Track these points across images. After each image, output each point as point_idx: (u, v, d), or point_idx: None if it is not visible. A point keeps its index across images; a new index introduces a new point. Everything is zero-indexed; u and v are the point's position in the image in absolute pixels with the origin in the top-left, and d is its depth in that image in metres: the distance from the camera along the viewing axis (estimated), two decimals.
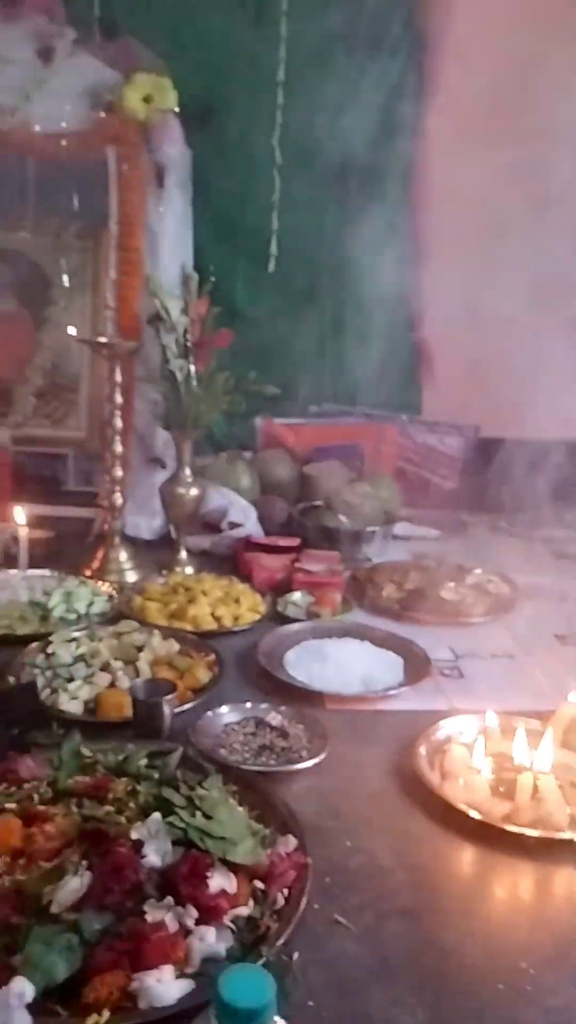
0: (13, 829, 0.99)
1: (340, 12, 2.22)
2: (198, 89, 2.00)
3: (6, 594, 1.68)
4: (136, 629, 1.53)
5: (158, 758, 1.15)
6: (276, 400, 2.32)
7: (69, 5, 2.04)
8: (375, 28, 2.26)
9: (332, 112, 2.26)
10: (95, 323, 2.19)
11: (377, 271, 2.37)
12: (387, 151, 2.33)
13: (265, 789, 1.10)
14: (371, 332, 2.38)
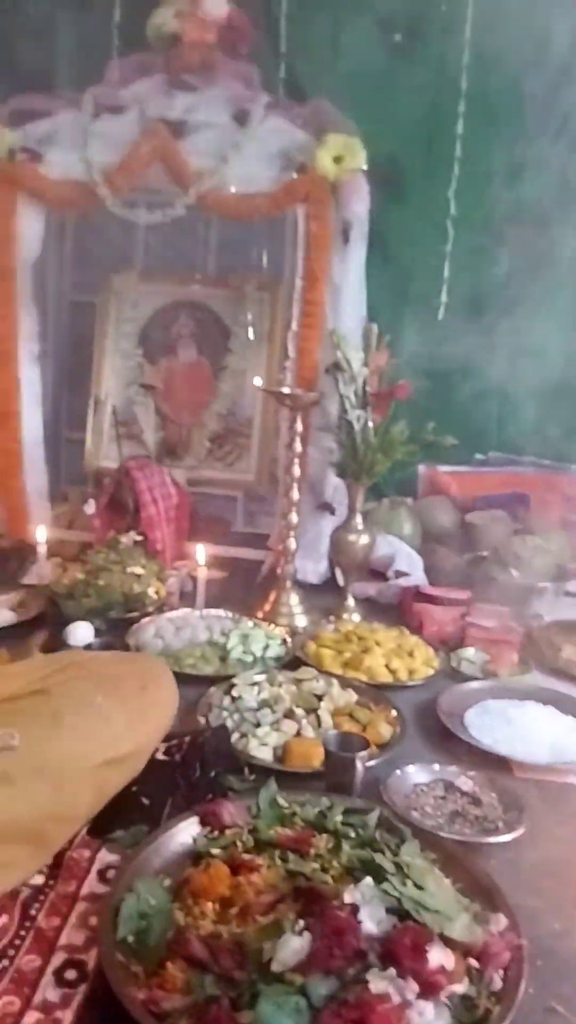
0: (222, 877, 1.02)
1: (519, 68, 2.24)
2: (380, 145, 2.05)
3: (187, 633, 1.74)
4: (314, 677, 1.55)
5: (354, 816, 1.15)
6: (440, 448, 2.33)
7: (263, 70, 2.15)
8: (552, 85, 2.24)
9: (509, 165, 2.27)
10: (270, 372, 2.27)
11: (548, 319, 2.34)
12: (562, 200, 2.30)
13: (465, 860, 1.08)
14: (541, 381, 2.34)
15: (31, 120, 2.06)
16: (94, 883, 1.04)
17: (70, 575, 1.86)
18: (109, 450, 2.34)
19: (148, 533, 1.97)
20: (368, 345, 1.89)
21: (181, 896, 1.00)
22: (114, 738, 1.09)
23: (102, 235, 2.48)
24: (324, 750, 1.25)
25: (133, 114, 2.03)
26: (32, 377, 2.17)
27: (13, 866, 0.98)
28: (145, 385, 2.33)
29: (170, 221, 2.02)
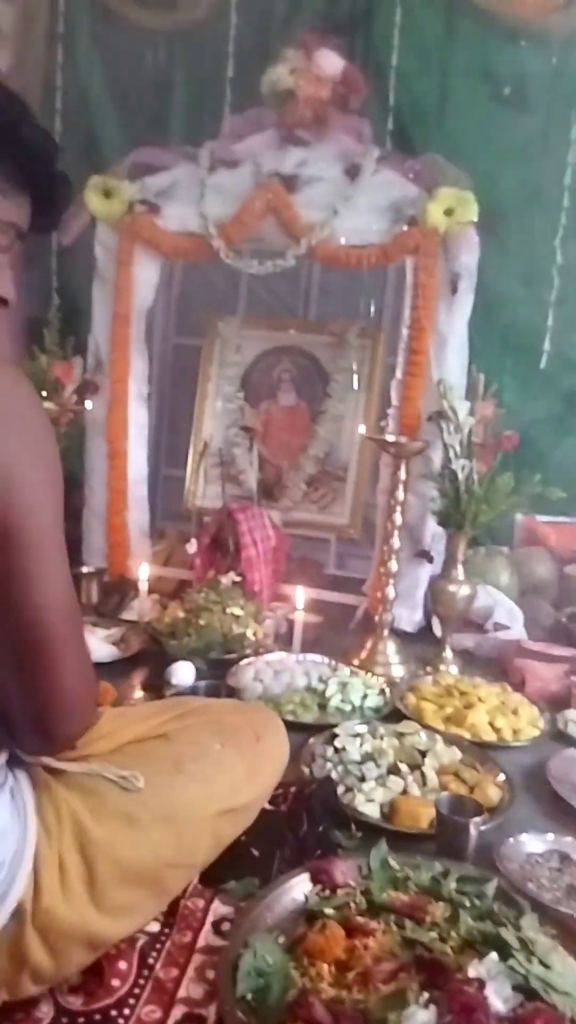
0: (338, 939, 1.00)
1: None
2: (489, 196, 2.06)
3: (285, 677, 1.74)
4: (417, 731, 1.52)
5: (469, 884, 1.12)
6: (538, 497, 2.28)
7: (373, 123, 2.20)
8: None
9: None
10: (368, 418, 2.28)
11: None
12: None
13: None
14: None
15: (150, 174, 2.16)
16: (209, 935, 1.05)
17: (171, 613, 1.89)
18: (208, 490, 2.38)
19: (247, 574, 1.99)
20: (474, 395, 1.88)
21: (296, 955, 0.99)
22: (232, 788, 1.09)
23: (207, 280, 2.57)
24: (436, 812, 1.22)
25: (247, 168, 2.11)
26: (139, 417, 2.24)
27: (134, 911, 0.98)
28: (245, 427, 2.37)
29: (279, 271, 2.06)
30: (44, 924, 0.88)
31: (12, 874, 0.87)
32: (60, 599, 0.81)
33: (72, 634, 0.84)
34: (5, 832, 0.87)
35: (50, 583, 0.80)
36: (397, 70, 2.34)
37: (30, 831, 0.90)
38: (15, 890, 0.86)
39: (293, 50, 2.14)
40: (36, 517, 0.77)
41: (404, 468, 1.87)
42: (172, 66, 2.56)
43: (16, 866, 0.87)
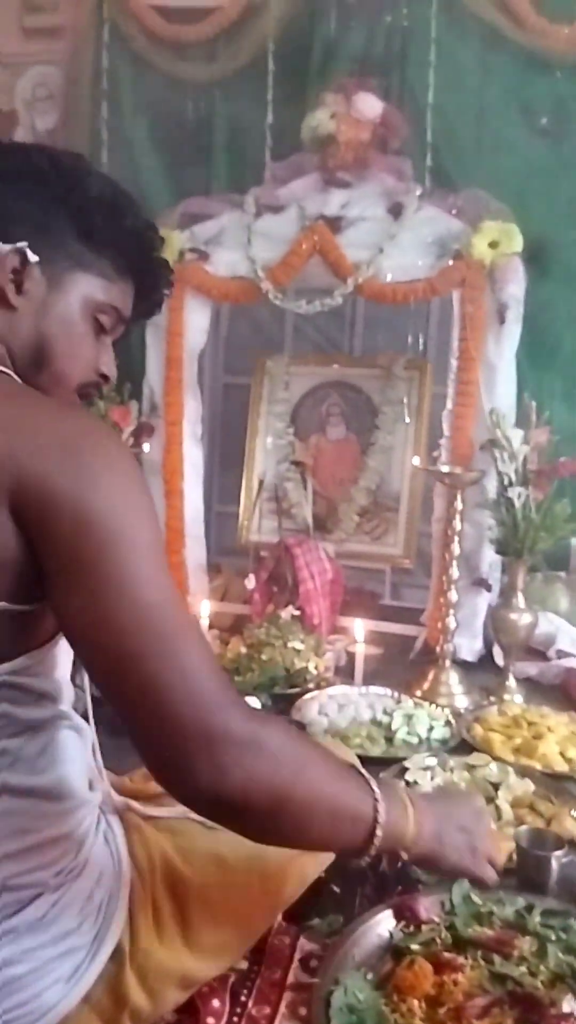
0: (427, 974, 1.00)
1: None
2: (532, 226, 2.09)
3: (349, 711, 1.75)
4: (488, 763, 1.52)
5: (553, 917, 1.11)
6: None
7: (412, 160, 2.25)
8: None
9: None
10: (418, 449, 2.31)
11: None
12: None
13: None
14: None
15: (198, 222, 2.24)
16: (298, 972, 1.06)
17: (233, 649, 1.92)
18: (262, 525, 2.42)
19: (305, 608, 2.02)
20: (527, 423, 1.90)
21: (386, 992, 0.99)
22: None
23: (253, 320, 2.63)
24: (516, 846, 1.22)
25: (292, 212, 2.17)
26: (194, 457, 2.30)
27: (225, 951, 1.00)
28: (296, 462, 2.41)
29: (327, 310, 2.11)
30: (142, 965, 0.90)
31: (109, 916, 0.89)
32: (154, 595, 0.74)
33: (182, 633, 0.74)
34: (101, 876, 0.90)
35: (146, 580, 0.74)
36: (434, 108, 2.38)
37: (124, 874, 0.92)
38: (113, 932, 0.88)
39: (332, 95, 2.21)
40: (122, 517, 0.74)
41: (460, 498, 1.89)
42: (213, 116, 2.65)
43: (113, 909, 0.89)
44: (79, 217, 0.85)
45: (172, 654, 0.73)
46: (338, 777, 0.86)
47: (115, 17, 2.68)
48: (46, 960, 0.83)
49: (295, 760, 0.79)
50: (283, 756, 0.78)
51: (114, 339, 0.93)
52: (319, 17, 2.48)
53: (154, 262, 0.93)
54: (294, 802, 0.79)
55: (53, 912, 0.85)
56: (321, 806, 0.83)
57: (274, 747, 0.77)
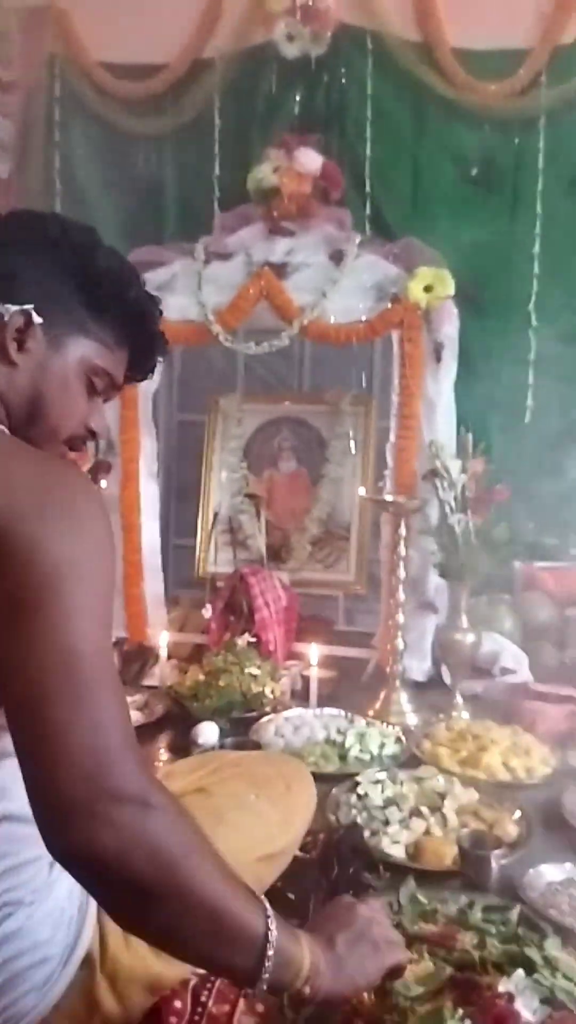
0: None
1: None
2: (464, 269, 2.23)
3: (305, 731, 1.83)
4: (435, 775, 1.60)
5: (494, 912, 1.20)
6: (535, 545, 2.41)
7: (352, 210, 2.39)
8: None
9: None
10: (366, 480, 2.42)
11: None
12: None
13: None
14: None
15: (150, 269, 2.33)
16: None
17: (191, 676, 1.98)
18: (219, 557, 2.50)
19: (261, 635, 2.09)
20: (464, 453, 2.02)
21: None
22: (268, 835, 1.17)
23: (206, 360, 2.74)
24: (459, 848, 1.30)
25: (239, 259, 2.29)
26: (151, 492, 2.37)
27: None
28: (250, 495, 2.50)
29: (275, 350, 2.23)
30: (111, 971, 0.95)
31: (79, 928, 0.94)
32: (85, 646, 0.73)
33: (101, 686, 0.73)
34: (71, 891, 0.95)
35: (80, 629, 0.73)
36: (372, 160, 2.54)
37: None
38: (83, 942, 0.94)
39: (275, 150, 2.35)
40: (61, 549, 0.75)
41: (404, 525, 2.00)
42: (163, 167, 2.76)
43: (82, 920, 0.95)
44: (86, 287, 0.91)
45: (87, 704, 0.71)
46: (228, 877, 0.77)
47: (65, 73, 2.80)
48: (21, 970, 0.88)
49: (184, 841, 0.74)
50: (171, 832, 0.72)
51: (105, 401, 0.98)
52: (261, 75, 2.63)
53: (152, 334, 0.99)
54: (174, 886, 0.72)
55: (28, 925, 0.90)
56: (204, 901, 0.73)
57: (162, 820, 0.72)
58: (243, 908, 0.76)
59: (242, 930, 0.75)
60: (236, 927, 0.75)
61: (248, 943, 0.75)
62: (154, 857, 0.70)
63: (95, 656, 0.74)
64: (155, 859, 0.70)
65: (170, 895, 0.72)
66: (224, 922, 0.74)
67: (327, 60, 2.57)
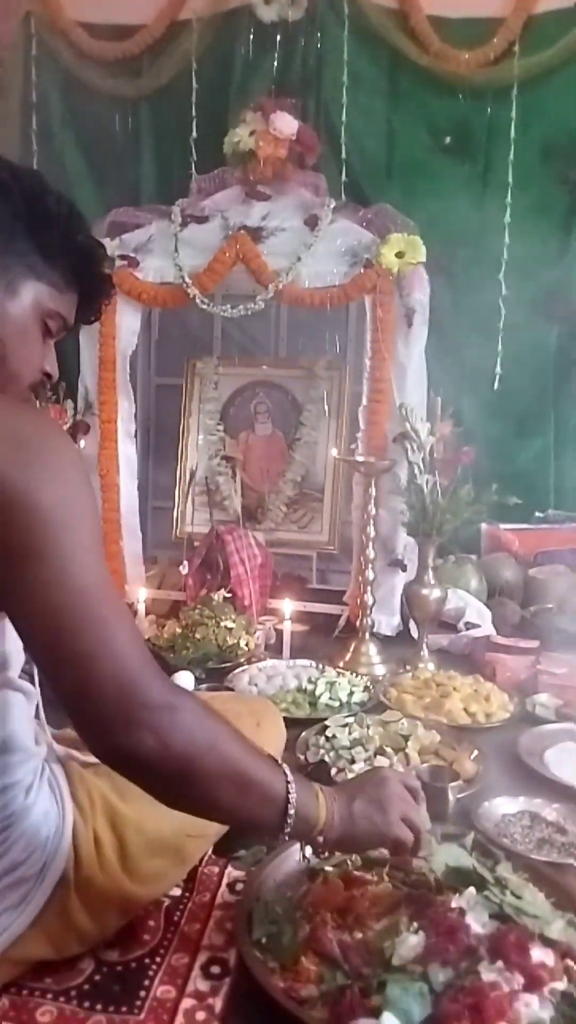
0: (338, 889, 1.15)
1: (563, 159, 2.47)
2: (436, 236, 2.28)
3: (277, 680, 1.90)
4: (399, 719, 1.68)
5: (450, 840, 1.28)
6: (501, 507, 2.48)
7: (328, 176, 2.42)
8: None
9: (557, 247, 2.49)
10: (340, 442, 2.48)
11: None
12: None
13: (556, 878, 1.19)
14: None
15: (127, 231, 2.36)
16: (226, 894, 1.19)
17: (169, 630, 2.05)
18: (196, 517, 2.55)
19: (236, 590, 2.16)
20: (433, 416, 2.08)
21: (303, 906, 1.14)
22: None
23: (183, 324, 2.77)
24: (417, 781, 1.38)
25: (216, 222, 2.32)
26: (128, 453, 2.42)
27: (160, 877, 1.13)
28: (226, 457, 2.56)
29: (250, 313, 2.27)
30: (85, 891, 1.02)
31: (54, 849, 1.01)
32: (92, 580, 0.82)
33: (113, 615, 0.82)
34: (47, 814, 1.02)
35: (86, 567, 0.81)
36: (347, 127, 2.57)
37: (67, 812, 1.04)
38: (58, 863, 1.00)
39: (252, 113, 2.36)
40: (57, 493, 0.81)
41: (374, 485, 2.06)
42: (140, 130, 2.77)
43: (57, 842, 1.01)
44: (38, 231, 0.92)
45: (105, 631, 0.80)
46: (251, 753, 0.91)
47: (42, 32, 2.78)
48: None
49: (209, 731, 0.87)
50: (197, 726, 0.85)
51: (56, 342, 1.02)
52: (238, 38, 2.63)
53: (99, 276, 1.02)
54: (205, 768, 0.86)
55: (4, 847, 0.97)
56: (232, 776, 0.88)
57: (189, 717, 0.84)
58: (267, 776, 0.91)
59: (267, 793, 0.91)
60: (262, 791, 0.91)
61: (273, 803, 0.92)
62: (189, 748, 0.84)
63: (102, 588, 0.82)
64: (190, 749, 0.84)
65: (207, 773, 0.86)
66: (252, 788, 0.90)
67: (304, 24, 2.59)
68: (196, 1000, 1.01)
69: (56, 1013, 0.98)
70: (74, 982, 1.03)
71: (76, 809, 1.05)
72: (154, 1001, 1.00)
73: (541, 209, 2.50)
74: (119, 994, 1.01)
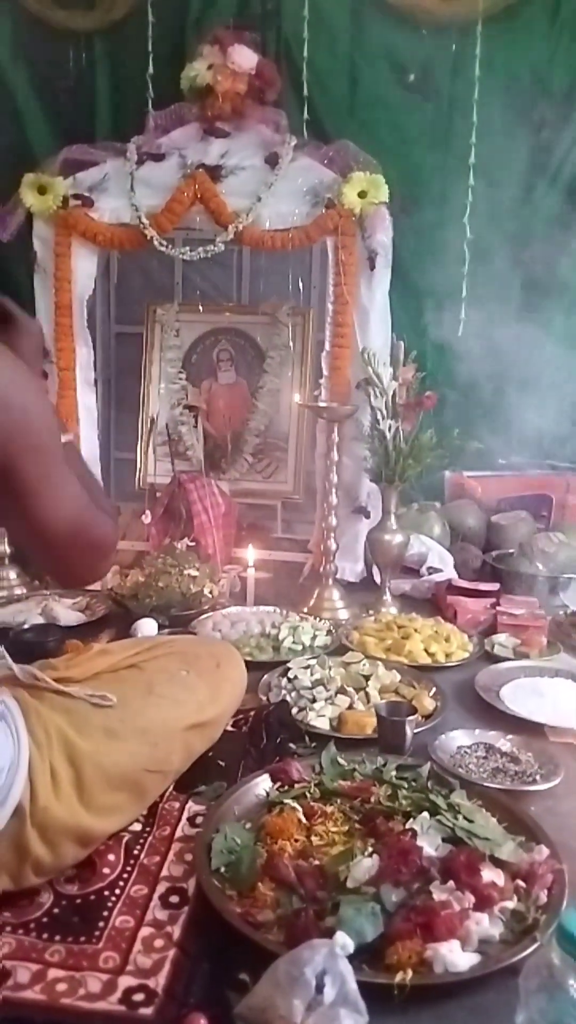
0: (295, 820, 1.17)
1: (527, 99, 2.42)
2: (400, 177, 2.23)
3: (241, 626, 1.91)
4: (361, 660, 1.70)
5: (407, 770, 1.30)
6: (464, 454, 2.49)
7: (289, 114, 2.35)
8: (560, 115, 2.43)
9: (521, 190, 2.46)
10: (304, 389, 2.45)
11: (560, 335, 2.51)
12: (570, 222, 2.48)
13: (508, 804, 1.22)
14: (557, 390, 2.51)
15: (81, 169, 2.28)
16: (186, 828, 1.21)
17: (132, 579, 2.03)
18: (159, 467, 2.53)
19: (200, 539, 2.15)
20: (396, 361, 2.06)
21: (261, 837, 1.15)
22: (198, 706, 1.25)
23: (143, 270, 2.70)
24: (376, 716, 1.40)
25: (174, 160, 2.24)
26: (88, 402, 2.37)
27: (118, 811, 1.14)
28: (189, 406, 2.52)
29: (210, 256, 2.21)
30: (41, 822, 1.02)
31: (10, 781, 1.01)
32: (74, 507, 1.04)
33: (86, 524, 1.06)
34: (1, 747, 1.02)
35: (63, 496, 1.02)
36: (308, 62, 2.48)
37: (22, 744, 1.04)
38: (14, 793, 1.01)
39: (209, 47, 2.27)
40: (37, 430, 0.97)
41: (337, 432, 2.05)
42: (95, 65, 2.66)
43: (13, 774, 1.01)
44: None
45: (89, 516, 1.07)
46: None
47: None
48: None
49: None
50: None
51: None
52: None
53: None
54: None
55: None
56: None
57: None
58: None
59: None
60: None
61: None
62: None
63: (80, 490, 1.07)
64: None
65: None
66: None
67: None
68: (154, 928, 1.02)
69: (15, 944, 0.99)
70: (33, 915, 1.04)
71: (32, 742, 1.05)
72: (112, 931, 1.01)
73: (506, 150, 2.46)
74: (78, 925, 1.02)
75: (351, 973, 0.85)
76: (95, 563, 1.13)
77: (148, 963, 0.96)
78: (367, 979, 0.88)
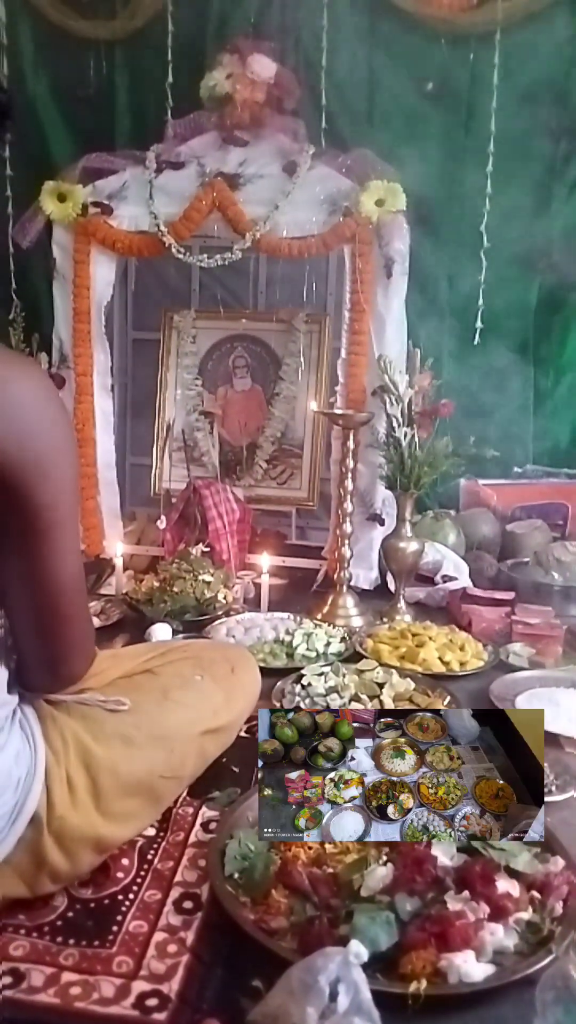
0: None
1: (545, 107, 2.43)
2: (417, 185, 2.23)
3: (255, 632, 1.91)
4: (375, 668, 1.70)
5: None
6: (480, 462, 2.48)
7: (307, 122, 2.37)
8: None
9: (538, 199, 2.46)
10: (319, 396, 2.46)
11: None
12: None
13: None
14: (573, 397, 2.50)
15: (100, 177, 2.30)
16: (200, 833, 1.21)
17: (147, 584, 2.04)
18: (174, 473, 2.54)
19: (215, 545, 2.15)
20: (412, 368, 2.06)
21: (275, 843, 1.15)
22: (212, 711, 1.26)
23: (160, 276, 2.72)
24: None
25: (192, 169, 2.26)
26: (105, 407, 2.38)
27: (134, 818, 1.14)
28: (205, 412, 2.53)
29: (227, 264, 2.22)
30: (58, 830, 1.03)
31: (27, 789, 1.02)
32: (76, 568, 1.00)
33: (82, 593, 1.05)
34: (19, 755, 1.02)
35: (68, 552, 0.98)
36: (327, 72, 2.50)
37: (39, 753, 1.04)
38: (31, 803, 1.01)
39: (228, 56, 2.29)
40: (54, 488, 0.92)
41: (352, 439, 2.05)
42: (115, 74, 2.68)
43: (30, 783, 1.02)
44: None
45: (79, 609, 1.05)
46: None
47: None
48: None
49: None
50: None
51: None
52: None
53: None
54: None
55: None
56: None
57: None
58: None
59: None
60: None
61: None
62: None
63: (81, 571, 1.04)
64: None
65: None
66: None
67: None
68: (168, 934, 1.02)
69: (29, 947, 0.99)
70: (47, 918, 1.04)
71: (49, 750, 1.06)
72: (126, 935, 1.02)
73: (524, 159, 2.46)
74: (92, 929, 1.03)
75: (365, 982, 0.84)
76: (86, 642, 1.08)
77: (162, 968, 0.96)
78: (381, 988, 0.88)
